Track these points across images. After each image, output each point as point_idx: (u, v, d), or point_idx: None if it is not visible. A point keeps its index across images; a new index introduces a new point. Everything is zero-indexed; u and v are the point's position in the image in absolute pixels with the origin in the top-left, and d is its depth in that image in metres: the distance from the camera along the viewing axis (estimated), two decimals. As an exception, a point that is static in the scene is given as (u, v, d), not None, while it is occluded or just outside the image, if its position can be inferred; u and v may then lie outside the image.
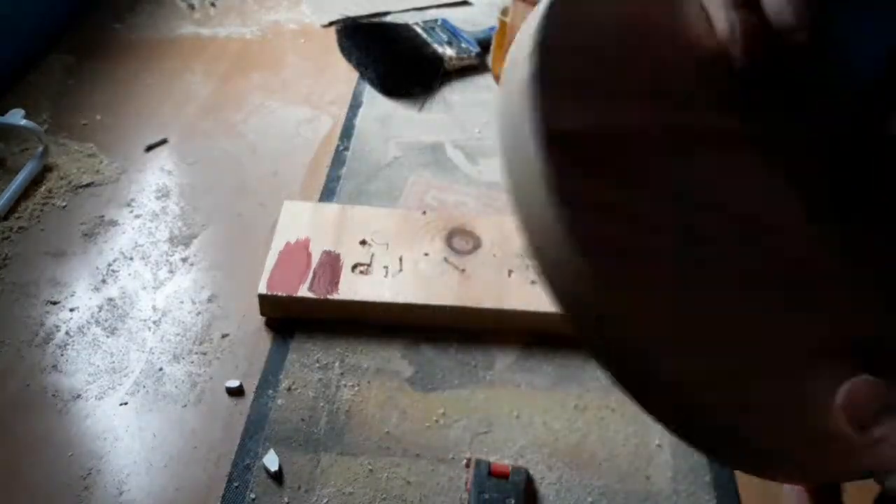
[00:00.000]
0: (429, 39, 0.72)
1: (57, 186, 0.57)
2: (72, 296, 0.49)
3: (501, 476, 0.39)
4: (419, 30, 0.74)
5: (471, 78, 0.71)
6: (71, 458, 0.40)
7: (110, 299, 0.49)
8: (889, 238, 0.29)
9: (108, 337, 0.47)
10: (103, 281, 0.50)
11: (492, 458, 0.40)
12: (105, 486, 0.39)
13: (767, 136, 0.29)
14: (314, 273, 0.48)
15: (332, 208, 0.53)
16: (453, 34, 0.74)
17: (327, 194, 0.57)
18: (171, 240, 0.53)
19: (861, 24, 0.35)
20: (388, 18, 0.79)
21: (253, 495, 0.39)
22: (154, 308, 0.48)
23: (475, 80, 0.71)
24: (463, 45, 0.72)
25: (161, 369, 0.45)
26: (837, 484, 0.29)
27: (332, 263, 0.48)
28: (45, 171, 0.58)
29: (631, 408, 0.44)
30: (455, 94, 0.69)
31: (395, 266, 0.49)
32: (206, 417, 0.43)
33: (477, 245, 0.51)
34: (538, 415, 0.43)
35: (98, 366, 0.45)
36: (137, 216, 0.55)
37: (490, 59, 0.71)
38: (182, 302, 0.49)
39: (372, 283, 0.47)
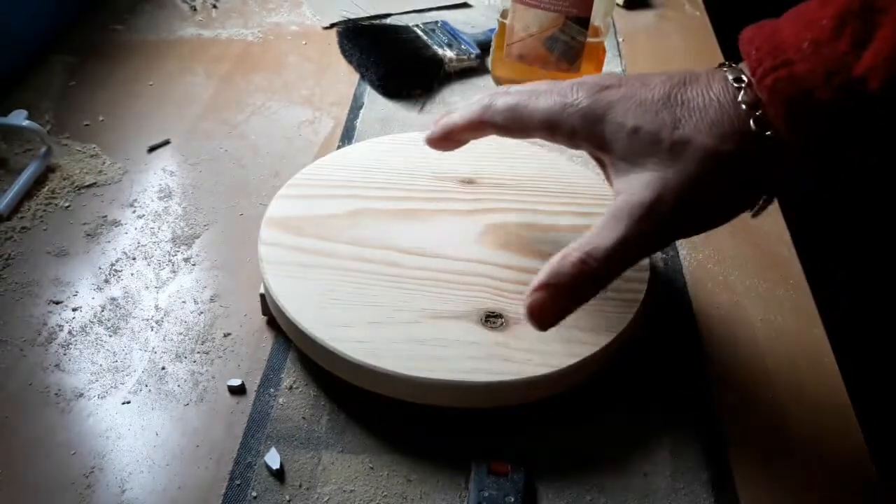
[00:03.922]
0: (429, 41, 0.73)
1: (60, 187, 0.57)
2: (74, 295, 0.49)
3: (501, 474, 0.39)
4: (419, 32, 0.74)
5: (470, 79, 0.72)
6: (73, 456, 0.41)
7: (113, 299, 0.49)
8: None
9: (110, 336, 0.47)
10: (106, 281, 0.50)
11: (492, 456, 0.41)
12: (107, 485, 0.40)
13: None
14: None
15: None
16: (453, 36, 0.74)
17: (328, 195, 0.57)
18: (174, 240, 0.54)
19: None
20: (389, 20, 0.80)
21: (255, 493, 0.39)
22: (157, 307, 0.49)
23: (475, 81, 0.72)
24: (463, 46, 0.72)
25: (163, 368, 0.45)
26: None
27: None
28: (48, 171, 0.58)
29: (630, 406, 0.44)
30: (455, 96, 0.70)
31: None
32: (208, 416, 0.43)
33: None
34: (539, 412, 0.43)
35: (101, 365, 0.45)
36: (140, 216, 0.56)
37: (490, 61, 0.72)
38: (184, 301, 0.49)
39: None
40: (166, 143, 0.63)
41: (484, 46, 0.73)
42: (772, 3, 0.43)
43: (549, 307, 0.36)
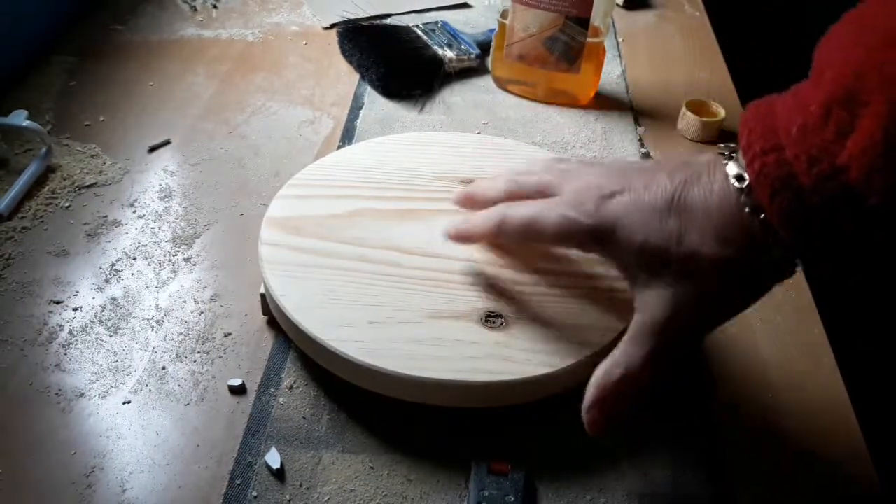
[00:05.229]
0: (429, 41, 0.73)
1: (60, 187, 0.57)
2: (75, 295, 0.49)
3: (501, 474, 0.39)
4: (419, 32, 0.74)
5: (470, 80, 0.72)
6: (74, 456, 0.41)
7: (113, 299, 0.49)
8: None
9: (111, 336, 0.47)
10: (106, 280, 0.51)
11: (492, 456, 0.41)
12: (108, 484, 0.40)
13: None
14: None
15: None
16: (453, 36, 0.74)
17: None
18: (174, 240, 0.54)
19: None
20: (389, 21, 0.80)
21: (255, 493, 0.39)
22: (157, 307, 0.49)
23: (475, 81, 0.72)
24: (463, 46, 0.73)
25: (164, 368, 0.45)
26: None
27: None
28: (49, 171, 0.59)
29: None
30: (455, 96, 0.70)
31: None
32: (208, 416, 0.43)
33: None
34: (539, 413, 0.43)
35: (101, 365, 0.45)
36: (140, 216, 0.56)
37: (490, 61, 0.72)
38: (185, 301, 0.49)
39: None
40: (167, 143, 0.63)
41: (484, 47, 0.73)
42: (771, 4, 0.43)
43: (605, 422, 0.38)
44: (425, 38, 0.73)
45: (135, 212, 0.56)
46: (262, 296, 0.47)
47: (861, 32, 0.30)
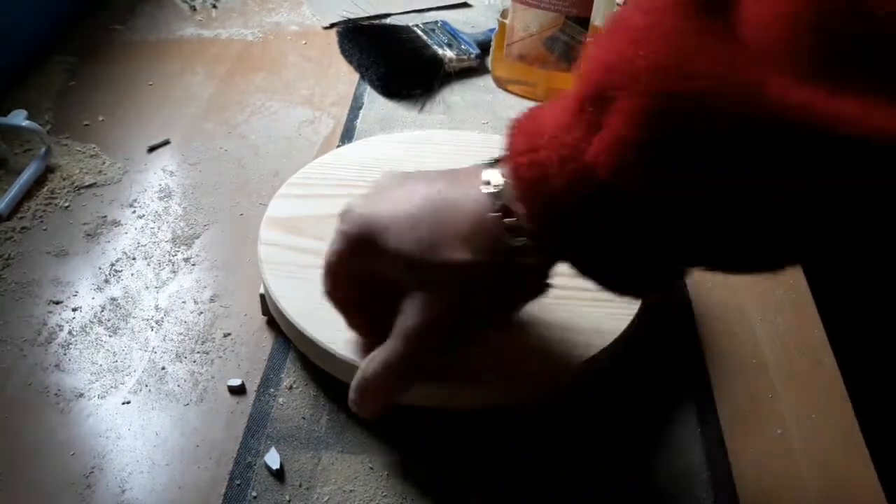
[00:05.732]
0: (429, 41, 0.73)
1: (59, 187, 0.57)
2: (74, 295, 0.49)
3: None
4: (419, 32, 0.74)
5: (470, 79, 0.72)
6: (73, 456, 0.41)
7: (113, 299, 0.49)
8: None
9: (110, 336, 0.47)
10: (106, 281, 0.50)
11: (491, 455, 0.41)
12: (107, 485, 0.40)
13: None
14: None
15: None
16: (453, 36, 0.74)
17: (328, 195, 0.57)
18: (174, 240, 0.54)
19: None
20: (389, 20, 0.80)
21: (254, 493, 0.39)
22: (157, 307, 0.49)
23: (475, 81, 0.72)
24: (463, 46, 0.72)
25: (163, 368, 0.45)
26: None
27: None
28: (48, 171, 0.58)
29: (630, 407, 0.44)
30: (455, 96, 0.70)
31: None
32: (208, 416, 0.43)
33: None
34: (539, 412, 0.43)
35: (101, 365, 0.45)
36: (140, 216, 0.56)
37: (490, 61, 0.72)
38: (184, 301, 0.49)
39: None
40: (166, 143, 0.63)
41: (484, 46, 0.73)
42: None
43: (368, 408, 0.39)
44: (425, 37, 0.73)
45: (134, 212, 0.56)
46: (262, 296, 0.47)
47: (615, 30, 0.30)
